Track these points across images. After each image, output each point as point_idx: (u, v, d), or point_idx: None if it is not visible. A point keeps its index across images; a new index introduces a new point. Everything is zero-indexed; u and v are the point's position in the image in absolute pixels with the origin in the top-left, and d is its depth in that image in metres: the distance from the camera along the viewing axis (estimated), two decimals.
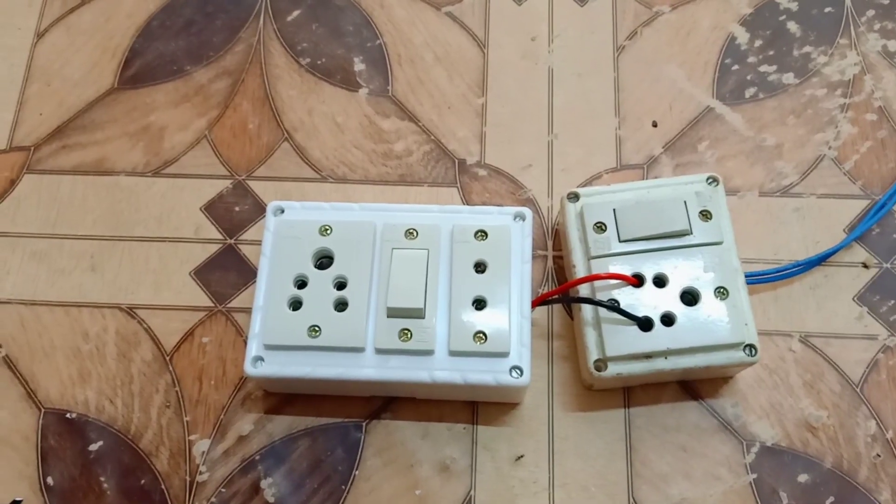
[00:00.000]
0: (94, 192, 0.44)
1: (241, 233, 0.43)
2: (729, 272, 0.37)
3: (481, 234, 0.38)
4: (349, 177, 0.44)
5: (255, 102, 0.46)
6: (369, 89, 0.47)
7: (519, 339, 0.36)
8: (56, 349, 0.41)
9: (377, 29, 0.48)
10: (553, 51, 0.47)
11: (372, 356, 0.37)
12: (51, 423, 0.39)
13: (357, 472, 0.38)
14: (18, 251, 0.43)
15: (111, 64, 0.48)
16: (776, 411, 0.39)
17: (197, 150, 0.45)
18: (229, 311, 0.41)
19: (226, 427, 0.39)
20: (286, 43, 0.48)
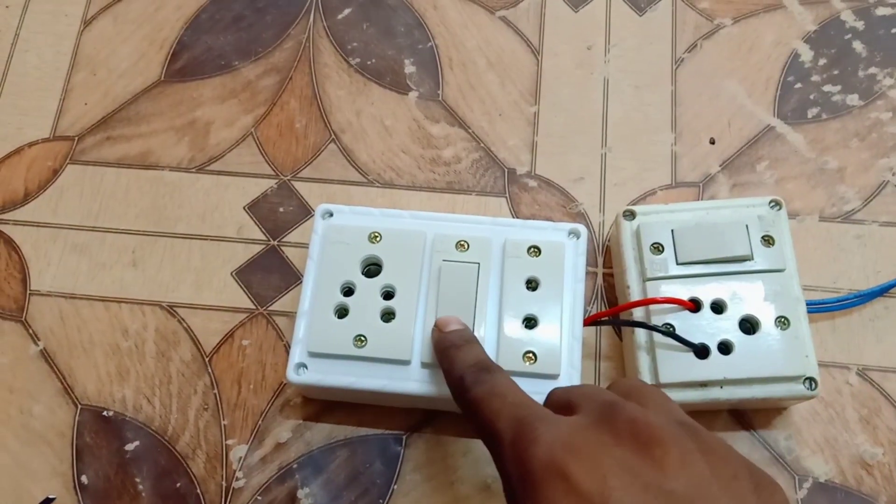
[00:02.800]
0: (137, 186, 0.44)
1: (285, 234, 0.42)
2: (790, 301, 0.35)
3: (534, 250, 0.37)
4: (396, 182, 0.43)
5: (302, 101, 0.46)
6: (419, 92, 0.46)
7: (569, 361, 0.35)
8: (95, 345, 0.40)
9: (429, 31, 0.47)
10: (609, 60, 0.46)
11: (417, 370, 0.36)
12: (87, 421, 0.39)
13: (396, 486, 0.37)
14: (59, 243, 0.43)
15: (158, 55, 0.47)
16: (830, 446, 0.37)
17: (242, 148, 0.44)
18: (270, 315, 0.41)
19: (264, 433, 0.38)
20: (336, 42, 0.47)
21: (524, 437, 0.24)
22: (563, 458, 0.22)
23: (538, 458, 0.23)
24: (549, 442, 0.23)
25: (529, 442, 0.23)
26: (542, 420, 0.24)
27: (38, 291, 0.41)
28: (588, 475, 0.22)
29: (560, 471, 0.22)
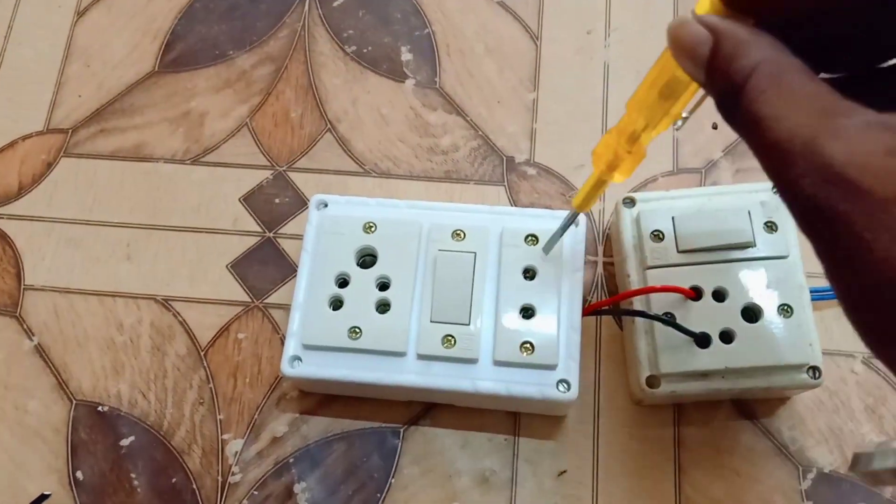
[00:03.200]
0: (131, 179, 0.43)
1: (281, 226, 0.42)
2: (794, 288, 0.35)
3: (532, 239, 0.36)
4: (393, 171, 0.43)
5: (298, 90, 0.45)
6: (416, 80, 0.45)
7: (567, 352, 0.35)
8: (89, 339, 0.40)
9: (426, 17, 0.46)
10: (609, 45, 0.45)
11: (413, 361, 0.35)
12: (82, 416, 0.39)
13: (393, 480, 0.37)
14: (54, 237, 0.42)
15: (152, 46, 0.46)
16: (835, 436, 0.37)
17: (237, 139, 0.44)
18: (266, 307, 0.40)
19: (260, 427, 0.38)
20: (332, 29, 0.46)
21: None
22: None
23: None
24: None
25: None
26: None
27: (32, 286, 0.41)
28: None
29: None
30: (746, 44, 0.22)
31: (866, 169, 0.18)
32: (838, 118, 0.19)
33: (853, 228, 0.18)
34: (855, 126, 0.19)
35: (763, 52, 0.21)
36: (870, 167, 0.18)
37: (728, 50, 0.22)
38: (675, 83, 0.25)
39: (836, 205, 0.18)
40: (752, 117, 0.21)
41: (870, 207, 0.18)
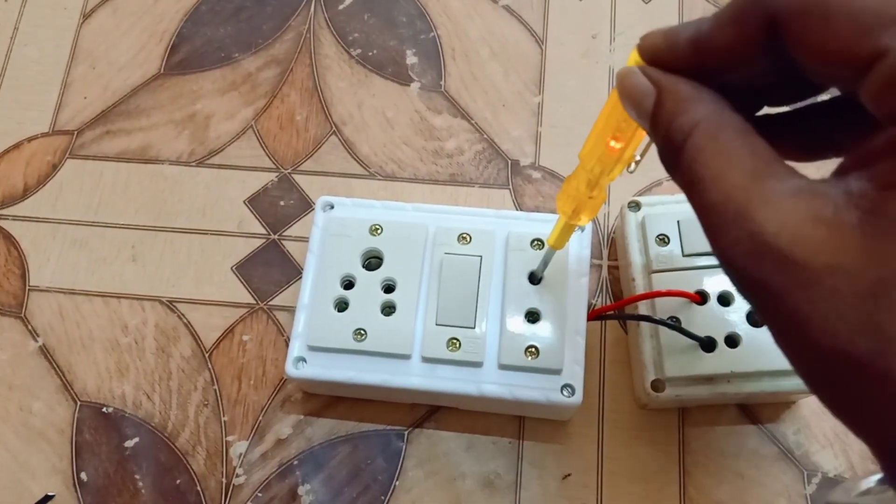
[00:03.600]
0: (137, 180, 0.43)
1: (286, 228, 0.42)
2: None
3: (537, 243, 0.36)
4: (398, 174, 0.43)
5: (303, 93, 0.45)
6: (421, 83, 0.45)
7: (572, 357, 0.35)
8: (94, 341, 0.40)
9: (431, 21, 0.46)
10: (614, 49, 0.45)
11: (418, 364, 0.35)
12: (87, 417, 0.39)
13: (398, 482, 0.37)
14: (59, 238, 0.42)
15: (158, 48, 0.47)
16: (840, 440, 0.37)
17: (242, 141, 0.44)
18: (271, 309, 0.40)
19: (264, 429, 0.38)
20: (337, 33, 0.46)
21: None
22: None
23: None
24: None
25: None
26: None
27: (37, 287, 0.41)
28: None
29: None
30: (687, 101, 0.22)
31: (796, 239, 0.18)
32: (770, 182, 0.19)
33: (788, 300, 0.18)
34: (785, 192, 0.19)
35: (703, 110, 0.21)
36: (800, 237, 0.18)
37: (669, 106, 0.22)
38: (620, 135, 0.26)
39: (770, 276, 0.18)
40: (690, 178, 0.21)
41: (803, 279, 0.18)
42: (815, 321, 0.18)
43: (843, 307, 0.17)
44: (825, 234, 0.18)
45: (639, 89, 0.23)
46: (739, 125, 0.21)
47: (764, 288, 0.19)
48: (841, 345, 0.17)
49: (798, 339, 0.18)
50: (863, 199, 0.18)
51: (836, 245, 0.18)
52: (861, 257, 0.17)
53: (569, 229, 0.32)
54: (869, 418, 0.18)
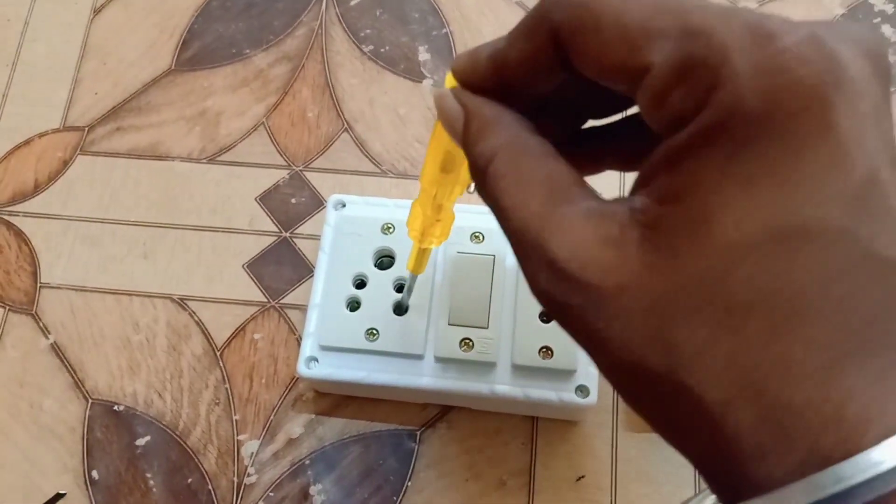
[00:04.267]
0: (148, 177, 0.43)
1: (297, 226, 0.42)
2: None
3: None
4: (410, 172, 0.42)
5: (314, 90, 0.45)
6: (434, 80, 0.45)
7: (586, 357, 0.34)
8: (105, 338, 0.40)
9: (444, 17, 0.46)
10: None
11: (430, 364, 0.35)
12: (98, 415, 0.38)
13: (410, 483, 0.37)
14: (70, 235, 0.42)
15: (169, 44, 0.46)
16: None
17: (254, 138, 0.44)
18: (282, 308, 0.40)
19: (275, 428, 0.38)
20: (349, 29, 0.46)
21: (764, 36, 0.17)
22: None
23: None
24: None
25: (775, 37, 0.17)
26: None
27: (48, 284, 0.41)
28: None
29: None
30: (490, 125, 0.22)
31: (587, 263, 0.18)
32: (562, 206, 0.19)
33: (587, 321, 0.18)
34: (575, 216, 0.19)
35: (504, 134, 0.21)
36: (589, 260, 0.18)
37: (474, 130, 0.22)
38: (451, 158, 0.26)
39: (568, 300, 0.19)
40: (494, 204, 0.21)
41: (597, 300, 0.18)
42: (614, 340, 0.18)
43: (635, 324, 0.18)
44: (612, 254, 0.18)
45: (450, 112, 0.23)
46: (539, 149, 0.21)
47: (566, 311, 0.19)
48: (637, 360, 0.18)
49: (603, 358, 0.19)
50: (644, 215, 0.18)
51: (621, 264, 0.18)
52: (643, 273, 0.18)
53: (424, 253, 0.32)
54: (678, 433, 0.18)
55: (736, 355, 0.17)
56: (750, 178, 0.17)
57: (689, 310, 0.17)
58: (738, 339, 0.17)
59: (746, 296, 0.17)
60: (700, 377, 0.17)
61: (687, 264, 0.17)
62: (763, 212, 0.17)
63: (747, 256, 0.17)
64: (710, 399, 0.17)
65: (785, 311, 0.16)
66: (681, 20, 0.18)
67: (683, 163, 0.18)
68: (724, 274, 0.17)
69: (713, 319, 0.17)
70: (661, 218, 0.18)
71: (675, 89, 0.18)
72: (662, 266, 0.17)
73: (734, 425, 0.16)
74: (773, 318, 0.16)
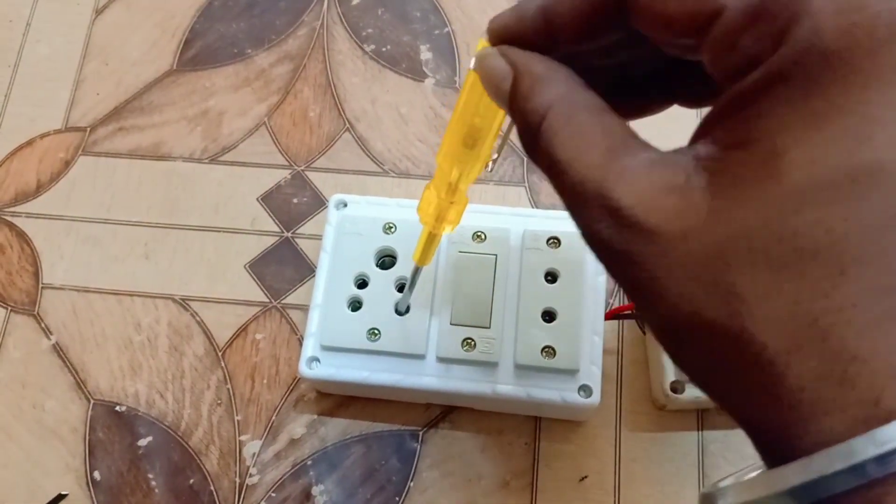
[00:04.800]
0: (150, 178, 0.43)
1: (299, 226, 0.41)
2: None
3: (554, 242, 0.36)
4: (412, 171, 0.42)
5: (316, 89, 0.45)
6: (436, 79, 0.44)
7: (589, 357, 0.34)
8: (107, 339, 0.40)
9: (446, 16, 0.46)
10: None
11: (433, 364, 0.35)
12: (100, 416, 0.38)
13: (412, 483, 0.36)
14: (72, 235, 0.42)
15: (171, 44, 0.46)
16: None
17: (255, 138, 0.44)
18: (284, 308, 0.40)
19: (277, 429, 0.38)
20: (350, 28, 0.46)
21: None
22: None
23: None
24: None
25: None
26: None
27: (50, 285, 0.41)
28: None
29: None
30: (541, 81, 0.21)
31: (651, 209, 0.18)
32: (624, 158, 0.19)
33: (647, 268, 0.18)
34: (638, 166, 0.19)
35: (556, 90, 0.21)
36: (654, 207, 0.18)
37: (525, 87, 0.21)
38: (476, 132, 0.26)
39: (630, 247, 0.18)
40: (548, 161, 0.21)
41: (660, 246, 0.18)
42: (672, 287, 0.18)
43: (696, 270, 0.17)
44: (677, 201, 0.18)
45: (497, 71, 0.22)
46: (593, 104, 0.21)
47: (626, 259, 0.19)
48: (696, 309, 0.17)
49: (658, 307, 0.18)
50: (709, 162, 0.18)
51: (687, 210, 0.18)
52: (709, 219, 0.17)
53: (433, 241, 0.31)
54: (731, 386, 0.18)
55: (800, 302, 0.16)
56: (825, 116, 0.16)
57: (754, 255, 0.17)
58: (803, 285, 0.16)
59: (813, 239, 0.16)
60: (763, 325, 0.16)
61: (754, 208, 0.17)
62: (836, 151, 0.16)
63: (817, 198, 0.16)
64: (772, 348, 0.16)
65: (853, 255, 0.16)
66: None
67: (753, 105, 0.17)
68: (791, 216, 0.16)
69: (778, 264, 0.16)
70: (728, 163, 0.18)
71: (748, 31, 0.18)
72: (728, 211, 0.17)
73: (797, 376, 0.16)
74: (841, 263, 0.16)
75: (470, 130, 0.26)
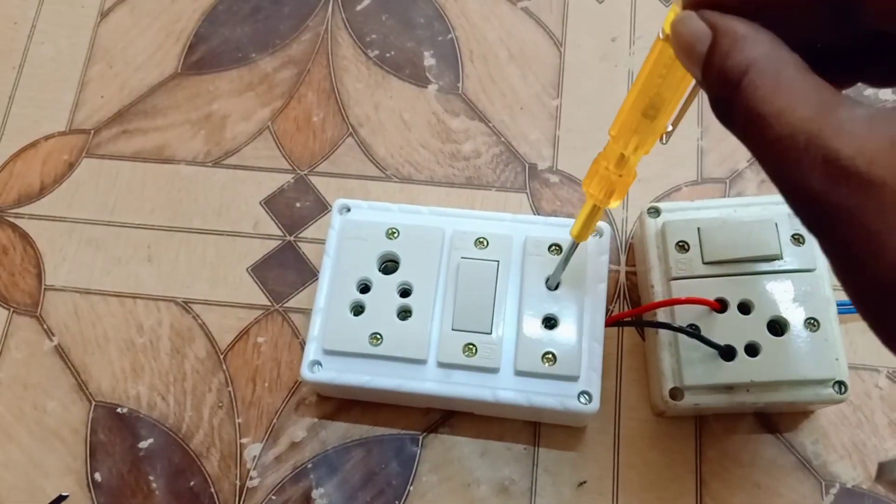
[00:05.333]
0: (153, 180, 0.43)
1: (302, 230, 0.42)
2: (821, 302, 0.34)
3: (555, 249, 0.36)
4: (414, 177, 0.43)
5: (320, 94, 0.45)
6: (439, 85, 0.45)
7: (589, 363, 0.34)
8: (109, 341, 0.40)
9: (449, 22, 0.46)
10: (634, 53, 0.45)
11: (434, 369, 0.35)
12: (101, 417, 0.39)
13: (412, 487, 0.37)
14: (75, 237, 0.42)
15: (175, 48, 0.46)
16: (859, 451, 0.36)
17: (259, 142, 0.44)
18: (286, 311, 0.40)
19: (278, 432, 0.38)
20: (354, 34, 0.46)
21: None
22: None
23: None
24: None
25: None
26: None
27: (52, 286, 0.41)
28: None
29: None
30: (744, 39, 0.21)
31: (875, 160, 0.17)
32: (840, 111, 0.19)
33: (864, 223, 0.18)
34: (858, 119, 0.18)
35: (760, 48, 0.21)
36: (879, 159, 0.17)
37: (725, 46, 0.21)
38: (659, 102, 0.26)
39: (846, 200, 0.18)
40: (751, 115, 0.20)
41: (881, 200, 0.17)
42: (891, 243, 0.17)
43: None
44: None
45: (694, 34, 0.22)
46: (798, 62, 0.20)
47: (842, 213, 0.18)
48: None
49: (872, 268, 0.18)
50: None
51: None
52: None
53: (594, 215, 0.31)
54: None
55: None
56: None
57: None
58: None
59: None
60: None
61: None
62: None
63: None
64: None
65: None
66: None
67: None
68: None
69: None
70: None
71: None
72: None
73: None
74: None
75: (653, 101, 0.25)
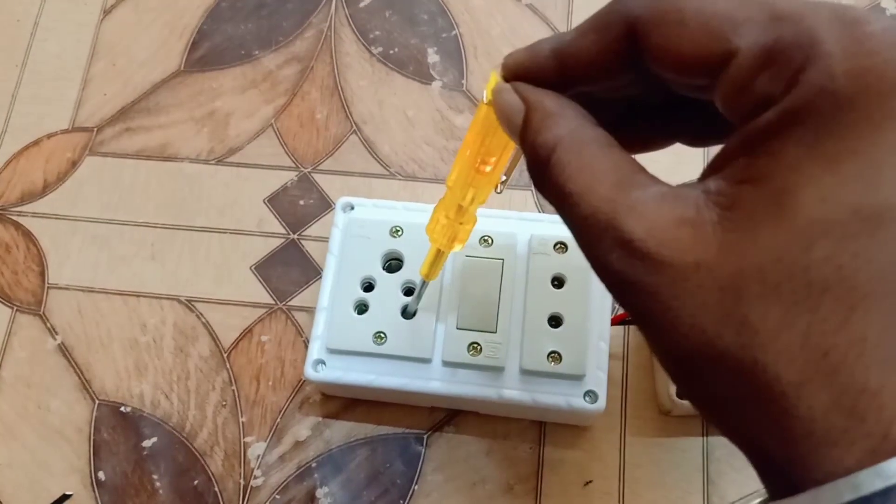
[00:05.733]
0: (156, 178, 0.43)
1: (305, 228, 0.42)
2: None
3: (561, 247, 0.36)
4: (419, 174, 0.42)
5: (323, 91, 0.45)
6: (443, 82, 0.44)
7: (595, 362, 0.34)
8: (113, 339, 0.40)
9: (453, 19, 0.46)
10: None
11: (438, 368, 0.35)
12: (105, 416, 0.38)
13: (416, 486, 0.36)
14: (78, 235, 0.42)
15: (178, 45, 0.46)
16: None
17: (262, 139, 0.44)
18: (290, 310, 0.40)
19: (282, 431, 0.38)
20: (358, 30, 0.46)
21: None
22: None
23: None
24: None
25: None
26: None
27: (56, 285, 0.41)
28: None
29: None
30: (552, 117, 0.22)
31: (663, 241, 0.19)
32: (634, 191, 0.20)
33: (660, 299, 0.19)
34: (650, 199, 0.19)
35: (566, 125, 0.22)
36: (666, 239, 0.19)
37: (536, 122, 0.22)
38: (489, 157, 0.26)
39: (644, 278, 0.19)
40: (559, 192, 0.21)
41: (671, 278, 0.18)
42: (685, 318, 0.18)
43: (708, 302, 0.18)
44: (689, 234, 0.18)
45: (510, 106, 0.23)
46: (602, 139, 0.21)
47: (638, 290, 0.19)
48: (709, 339, 0.18)
49: (670, 338, 0.19)
50: (720, 196, 0.19)
51: (698, 243, 0.18)
52: (721, 251, 0.18)
53: (441, 259, 0.32)
54: (741, 417, 0.18)
55: (812, 335, 0.16)
56: (835, 157, 0.17)
57: (766, 288, 0.17)
58: (814, 319, 0.16)
59: (825, 275, 0.17)
60: (775, 356, 0.17)
61: (766, 242, 0.17)
62: (846, 191, 0.17)
63: (828, 235, 0.17)
64: (785, 379, 0.17)
65: (863, 292, 0.16)
66: (767, 7, 0.18)
67: (766, 143, 0.18)
68: (803, 252, 0.17)
69: (790, 298, 0.17)
70: (740, 198, 0.18)
71: (762, 73, 0.18)
72: (740, 244, 0.18)
73: (808, 408, 0.16)
74: (851, 299, 0.16)
75: (483, 158, 0.26)
